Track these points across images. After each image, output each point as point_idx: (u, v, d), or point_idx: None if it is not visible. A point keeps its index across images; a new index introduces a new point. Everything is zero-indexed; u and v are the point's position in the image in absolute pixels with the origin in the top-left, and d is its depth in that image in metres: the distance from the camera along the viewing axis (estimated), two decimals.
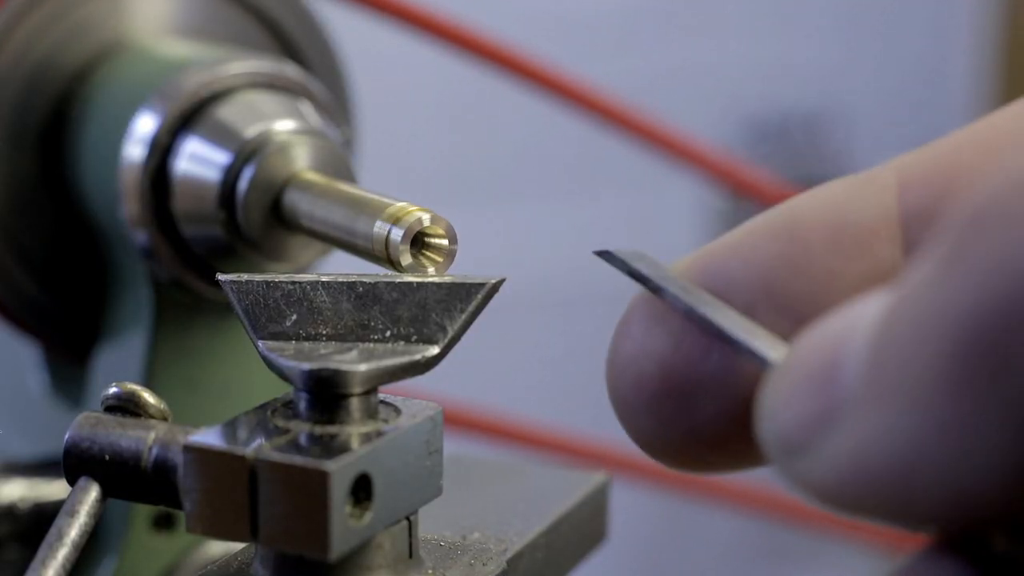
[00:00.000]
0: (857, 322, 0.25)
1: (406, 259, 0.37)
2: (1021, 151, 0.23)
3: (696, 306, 0.29)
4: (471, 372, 0.87)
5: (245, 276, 0.34)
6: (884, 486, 0.23)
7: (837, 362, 0.25)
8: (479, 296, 0.33)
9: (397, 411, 0.34)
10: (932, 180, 0.28)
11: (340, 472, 0.31)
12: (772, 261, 0.29)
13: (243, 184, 0.46)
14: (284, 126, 0.47)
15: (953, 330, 0.22)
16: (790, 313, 0.29)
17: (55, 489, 0.51)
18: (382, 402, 0.34)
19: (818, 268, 0.29)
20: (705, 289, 0.29)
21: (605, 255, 0.31)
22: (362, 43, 0.69)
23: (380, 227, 0.38)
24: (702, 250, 0.30)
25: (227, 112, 0.47)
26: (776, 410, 0.26)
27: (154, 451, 0.34)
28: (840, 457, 0.24)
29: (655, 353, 0.30)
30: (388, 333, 0.34)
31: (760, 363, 0.28)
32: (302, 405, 0.33)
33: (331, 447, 0.32)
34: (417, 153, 1.66)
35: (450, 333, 0.33)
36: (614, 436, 0.38)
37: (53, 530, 0.34)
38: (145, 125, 0.48)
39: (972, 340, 0.22)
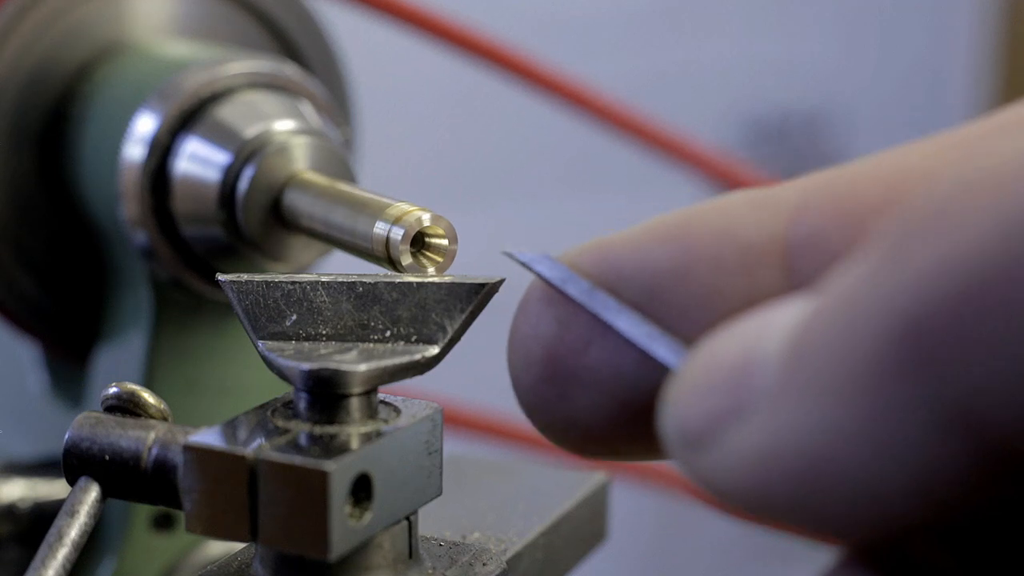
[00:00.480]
0: (772, 322, 0.25)
1: (406, 259, 0.37)
2: (966, 160, 0.23)
3: (598, 310, 0.30)
4: (471, 372, 0.87)
5: (245, 276, 0.34)
6: (790, 482, 0.23)
7: (749, 360, 0.25)
8: (479, 296, 0.33)
9: (397, 411, 0.34)
10: (827, 210, 0.28)
11: (340, 472, 0.31)
12: (659, 265, 0.29)
13: (243, 184, 0.46)
14: (284, 126, 0.47)
15: (882, 330, 0.22)
16: (673, 317, 0.29)
17: (55, 489, 0.51)
18: (382, 402, 0.34)
19: (700, 279, 0.29)
20: (604, 287, 0.30)
21: (510, 256, 0.32)
22: (362, 43, 0.69)
23: (380, 227, 0.38)
24: (597, 241, 0.31)
25: (227, 112, 0.47)
26: (681, 405, 0.26)
27: (154, 451, 0.34)
28: (745, 452, 0.24)
29: (542, 337, 0.31)
30: (388, 333, 0.34)
31: (661, 366, 0.28)
32: (302, 405, 0.33)
33: (331, 447, 0.32)
34: (417, 153, 1.66)
35: (450, 333, 0.33)
36: None
37: (53, 530, 0.34)
38: (145, 125, 0.48)
39: (899, 340, 0.22)
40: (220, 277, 0.35)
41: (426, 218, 0.37)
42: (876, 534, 0.23)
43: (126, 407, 0.35)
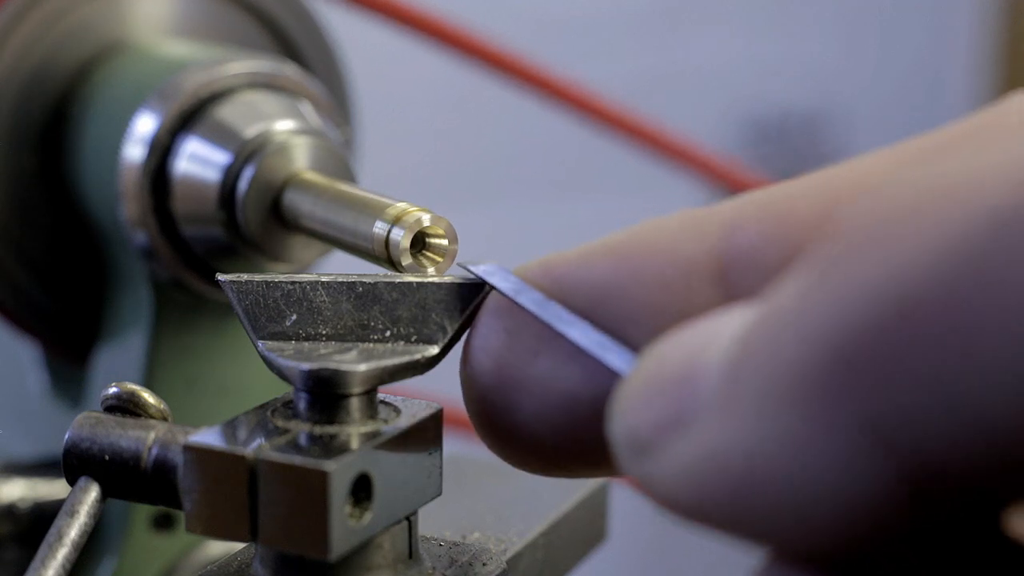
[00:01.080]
0: (717, 332, 0.25)
1: (406, 259, 0.37)
2: (890, 184, 0.23)
3: (551, 320, 0.30)
4: None
5: (245, 276, 0.34)
6: (724, 495, 0.23)
7: (694, 369, 0.25)
8: (479, 296, 0.33)
9: (397, 411, 0.34)
10: (767, 226, 0.28)
11: (340, 472, 0.31)
12: (598, 280, 0.30)
13: (243, 184, 0.46)
14: (284, 126, 0.47)
15: (809, 349, 0.22)
16: (614, 331, 0.30)
17: (55, 489, 0.51)
18: (382, 402, 0.34)
19: (637, 294, 0.30)
20: (556, 299, 0.31)
21: (465, 269, 0.33)
22: (362, 43, 0.69)
23: (380, 227, 0.38)
24: (545, 258, 0.31)
25: (227, 112, 0.47)
26: (627, 411, 0.26)
27: (154, 451, 0.34)
28: (685, 461, 0.24)
29: (490, 348, 0.32)
30: (388, 333, 0.34)
31: (607, 378, 0.29)
32: (302, 405, 0.33)
33: (331, 447, 0.32)
34: (416, 153, 1.66)
35: (450, 333, 0.33)
36: None
37: (53, 530, 0.34)
38: (145, 125, 0.48)
39: (823, 363, 0.22)
40: (220, 277, 0.35)
41: (426, 218, 0.37)
42: (809, 548, 0.23)
43: (126, 407, 0.35)
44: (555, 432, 0.31)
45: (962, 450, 0.21)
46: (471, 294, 0.33)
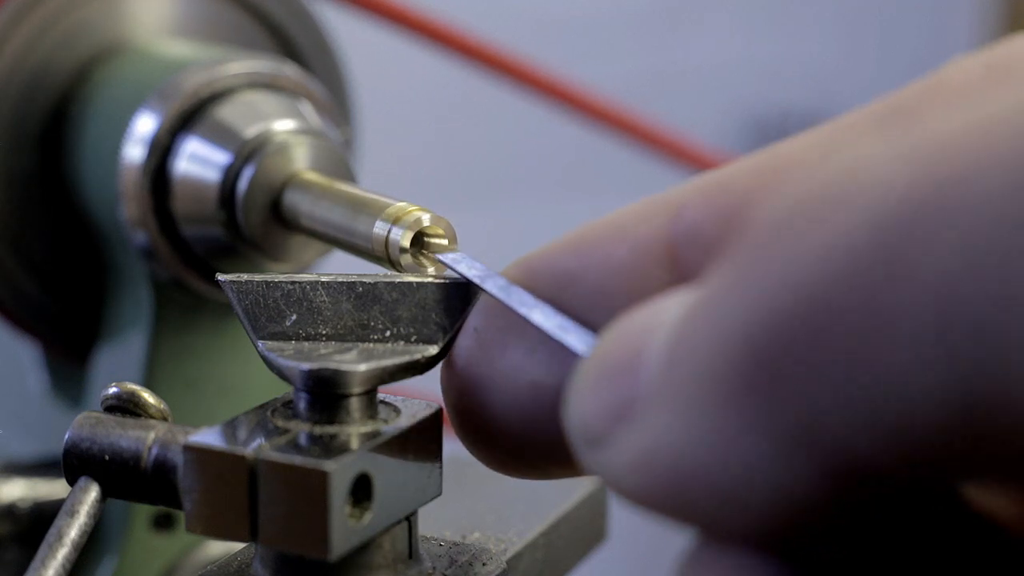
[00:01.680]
0: (660, 317, 0.25)
1: (406, 259, 0.37)
2: (806, 172, 0.23)
3: (514, 304, 0.31)
4: None
5: (245, 276, 0.34)
6: (666, 487, 0.23)
7: (639, 356, 0.25)
8: (479, 296, 0.33)
9: (397, 411, 0.34)
10: (708, 203, 0.29)
11: (339, 472, 0.31)
12: (566, 267, 0.31)
13: (243, 184, 0.46)
14: (284, 126, 0.47)
15: (733, 342, 0.22)
16: (583, 316, 0.30)
17: (55, 489, 0.51)
18: (382, 402, 0.34)
19: (597, 280, 0.30)
20: (528, 290, 0.31)
21: (439, 261, 0.35)
22: (362, 43, 0.69)
23: (380, 227, 0.38)
24: (528, 253, 0.32)
25: (227, 112, 0.47)
26: (579, 400, 0.26)
27: (154, 451, 0.34)
28: (632, 453, 0.24)
29: (461, 346, 0.32)
30: (388, 333, 0.34)
31: (576, 360, 0.29)
32: (302, 405, 0.33)
33: (331, 447, 0.32)
34: (416, 153, 1.66)
35: (450, 333, 0.33)
36: None
37: (53, 530, 0.34)
38: (145, 125, 0.48)
39: (743, 358, 0.22)
40: (220, 277, 0.35)
41: (426, 218, 0.37)
42: (747, 535, 0.23)
43: (126, 407, 0.35)
44: (526, 427, 0.31)
45: (883, 443, 0.21)
46: (471, 293, 0.33)
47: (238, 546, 0.36)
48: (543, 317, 0.30)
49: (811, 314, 0.21)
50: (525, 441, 0.31)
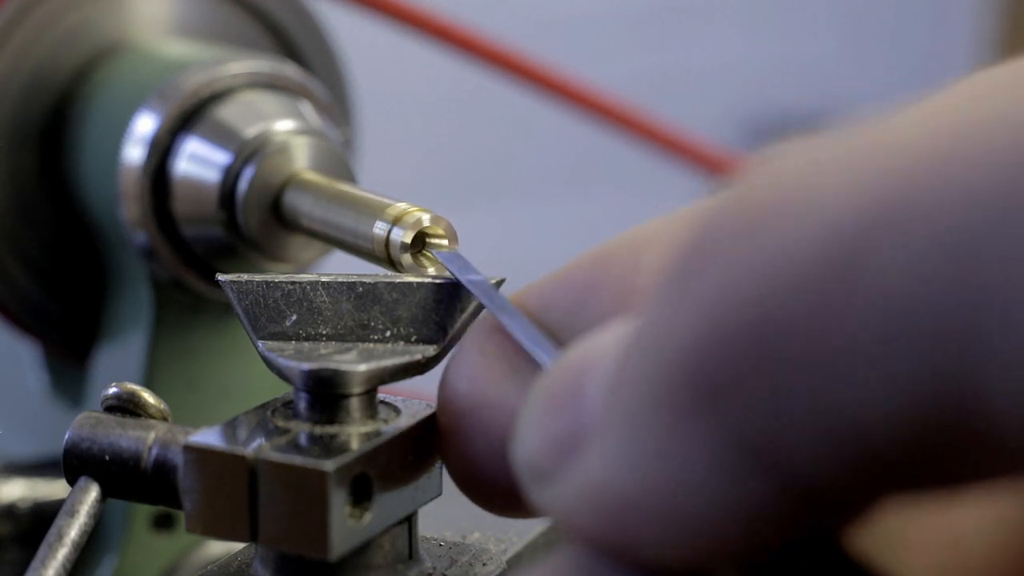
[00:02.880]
0: (602, 347, 0.25)
1: (406, 259, 0.37)
2: (742, 189, 0.22)
3: (494, 309, 0.31)
4: None
5: (245, 276, 0.34)
6: (617, 518, 0.23)
7: (580, 388, 0.25)
8: (474, 300, 0.33)
9: (397, 411, 0.34)
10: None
11: (339, 472, 0.31)
12: (580, 286, 0.30)
13: (243, 184, 0.46)
14: (284, 126, 0.47)
15: (673, 365, 0.22)
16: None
17: (55, 489, 0.51)
18: (382, 402, 0.34)
19: (609, 298, 0.29)
20: (515, 302, 0.31)
21: (435, 256, 0.35)
22: (362, 43, 0.69)
23: (380, 227, 0.38)
24: (549, 272, 0.31)
25: (227, 112, 0.47)
26: (524, 435, 0.25)
27: (154, 451, 0.34)
28: (579, 486, 0.24)
29: (468, 368, 0.31)
30: (388, 333, 0.34)
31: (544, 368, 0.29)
32: (302, 405, 0.33)
33: (331, 447, 0.32)
34: (417, 152, 1.66)
35: (450, 333, 0.33)
36: None
37: (53, 530, 0.34)
38: (145, 125, 0.48)
39: (689, 375, 0.22)
40: (220, 277, 0.35)
41: (426, 218, 0.37)
42: (698, 562, 0.23)
43: (126, 407, 0.35)
44: (505, 472, 0.30)
45: (837, 459, 0.21)
46: (471, 294, 0.33)
47: (238, 546, 0.36)
48: (517, 326, 0.30)
49: (751, 333, 0.21)
50: (503, 484, 0.30)
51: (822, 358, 0.20)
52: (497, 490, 0.31)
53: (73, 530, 0.34)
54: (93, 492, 0.34)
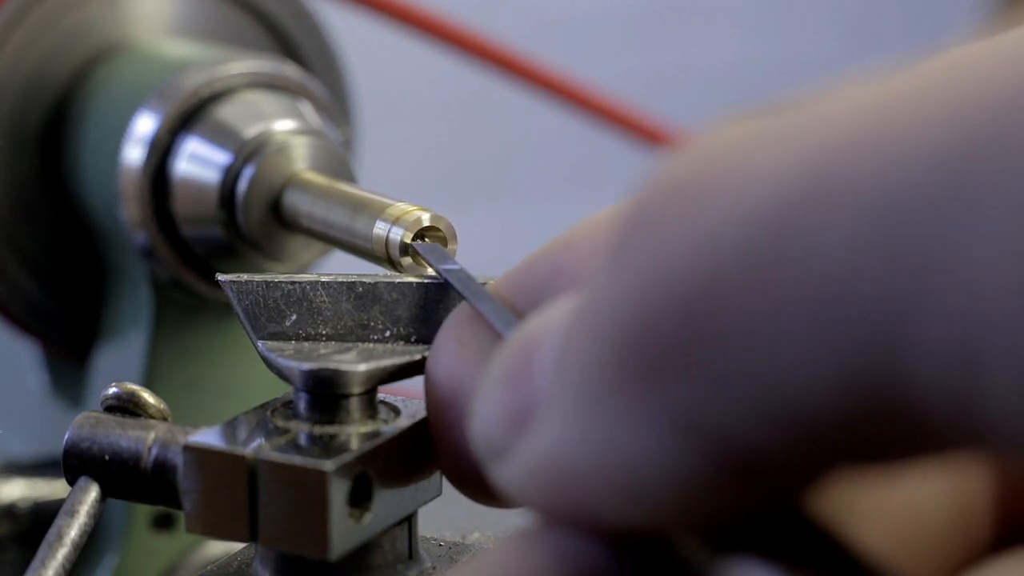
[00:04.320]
0: (550, 322, 0.25)
1: (406, 259, 0.37)
2: (679, 162, 0.23)
3: (468, 295, 0.31)
4: None
5: (245, 276, 0.34)
6: (565, 489, 0.23)
7: (530, 363, 0.25)
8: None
9: (397, 411, 0.34)
10: None
11: (339, 472, 0.31)
12: (553, 263, 0.30)
13: (243, 184, 0.46)
14: (284, 126, 0.47)
15: (612, 337, 0.22)
16: None
17: (55, 489, 0.51)
18: (382, 402, 0.34)
19: (577, 273, 0.30)
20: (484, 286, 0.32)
21: (415, 249, 0.36)
22: (362, 43, 0.69)
23: (380, 227, 0.38)
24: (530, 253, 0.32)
25: (227, 112, 0.47)
26: (479, 412, 0.26)
27: (154, 451, 0.34)
28: (531, 459, 0.24)
29: (446, 358, 0.32)
30: (388, 333, 0.34)
31: None
32: (302, 405, 0.33)
33: (330, 447, 0.32)
34: (417, 153, 1.66)
35: None
36: None
37: (53, 530, 0.34)
38: (145, 125, 0.48)
39: (627, 347, 0.22)
40: (220, 277, 0.35)
41: (425, 218, 0.37)
42: (650, 532, 0.23)
43: (126, 407, 0.35)
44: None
45: (771, 431, 0.21)
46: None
47: (238, 546, 0.36)
48: (491, 310, 0.30)
49: (684, 307, 0.21)
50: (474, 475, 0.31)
51: (753, 332, 0.20)
52: (483, 479, 0.31)
53: (73, 530, 0.34)
54: (93, 492, 0.34)
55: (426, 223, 0.37)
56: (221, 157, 0.46)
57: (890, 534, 0.25)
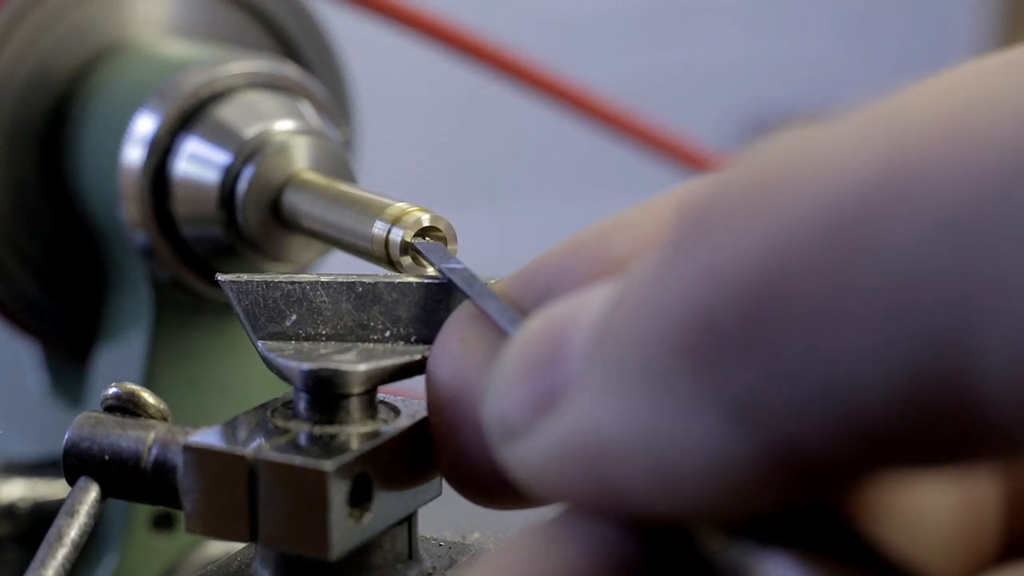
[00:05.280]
0: (584, 307, 0.25)
1: (406, 259, 0.37)
2: (753, 156, 0.23)
3: (473, 295, 0.31)
4: None
5: (244, 276, 0.34)
6: (590, 470, 0.23)
7: (560, 346, 0.25)
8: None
9: (397, 411, 0.34)
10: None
11: (339, 472, 0.31)
12: (558, 267, 0.30)
13: (243, 184, 0.46)
14: (284, 126, 0.47)
15: (672, 322, 0.22)
16: None
17: (55, 489, 0.51)
18: (382, 402, 0.34)
19: (584, 277, 0.30)
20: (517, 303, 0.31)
21: (415, 248, 0.36)
22: (362, 43, 0.69)
23: (380, 227, 0.38)
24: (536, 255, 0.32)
25: (227, 112, 0.47)
26: (498, 393, 0.26)
27: (154, 451, 0.34)
28: (553, 440, 0.24)
29: (449, 358, 0.31)
30: (388, 333, 0.34)
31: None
32: (301, 405, 0.33)
33: (330, 447, 0.32)
34: (417, 153, 1.66)
35: None
36: None
37: (53, 530, 0.34)
38: (145, 125, 0.48)
39: (688, 337, 0.22)
40: (220, 277, 0.35)
41: (425, 218, 0.37)
42: (668, 518, 0.23)
43: (126, 407, 0.35)
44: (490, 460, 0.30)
45: (830, 427, 0.21)
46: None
47: (238, 546, 0.36)
48: (496, 309, 0.30)
49: (755, 296, 0.21)
50: (494, 468, 0.30)
51: (823, 323, 0.20)
52: (484, 480, 0.31)
53: (73, 530, 0.34)
54: (93, 492, 0.34)
55: (426, 223, 0.37)
56: (221, 157, 0.46)
57: (900, 538, 0.25)
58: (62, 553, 0.33)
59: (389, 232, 0.38)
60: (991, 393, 0.19)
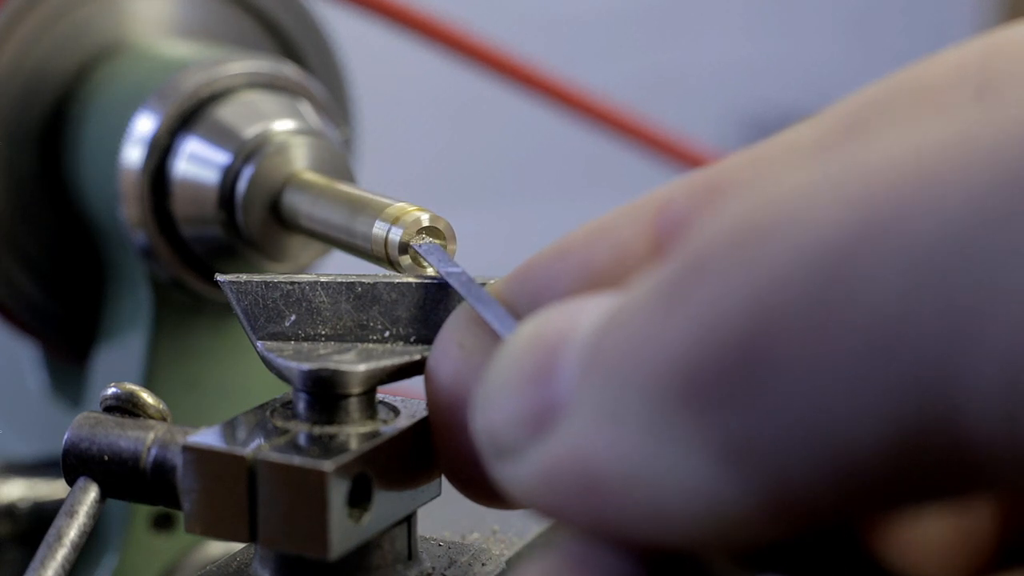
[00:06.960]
0: (575, 321, 0.25)
1: (405, 259, 0.37)
2: (745, 197, 0.23)
3: (471, 299, 0.31)
4: None
5: (244, 276, 0.34)
6: (581, 495, 0.23)
7: (554, 361, 0.25)
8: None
9: (396, 411, 0.34)
10: (691, 193, 0.28)
11: (338, 472, 0.31)
12: (544, 275, 0.30)
13: (242, 184, 0.46)
14: (283, 126, 0.47)
15: (666, 357, 0.22)
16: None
17: (55, 489, 0.51)
18: (381, 402, 0.34)
19: (571, 284, 0.30)
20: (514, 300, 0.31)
21: (415, 249, 0.36)
22: (362, 43, 0.69)
23: (379, 227, 0.38)
24: (523, 261, 0.32)
25: (226, 112, 0.47)
26: (489, 407, 0.26)
27: (153, 451, 0.34)
28: (546, 462, 0.24)
29: (448, 362, 0.32)
30: (387, 333, 0.34)
31: None
32: (301, 405, 0.33)
33: (330, 447, 0.32)
34: (417, 153, 1.66)
35: None
36: None
37: (52, 530, 0.34)
38: (144, 125, 0.48)
39: (684, 370, 0.22)
40: (219, 277, 0.35)
41: (424, 218, 0.37)
42: (657, 546, 0.23)
43: (125, 407, 0.35)
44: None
45: (820, 469, 0.21)
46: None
47: (238, 546, 0.36)
48: (493, 314, 0.31)
49: (745, 341, 0.21)
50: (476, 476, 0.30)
51: (808, 371, 0.21)
52: (485, 481, 0.31)
53: (72, 530, 0.34)
54: (92, 492, 0.34)
55: (425, 223, 0.37)
56: (221, 157, 0.46)
57: (895, 549, 0.25)
58: (61, 553, 0.33)
59: (388, 232, 0.38)
60: (979, 428, 0.20)
